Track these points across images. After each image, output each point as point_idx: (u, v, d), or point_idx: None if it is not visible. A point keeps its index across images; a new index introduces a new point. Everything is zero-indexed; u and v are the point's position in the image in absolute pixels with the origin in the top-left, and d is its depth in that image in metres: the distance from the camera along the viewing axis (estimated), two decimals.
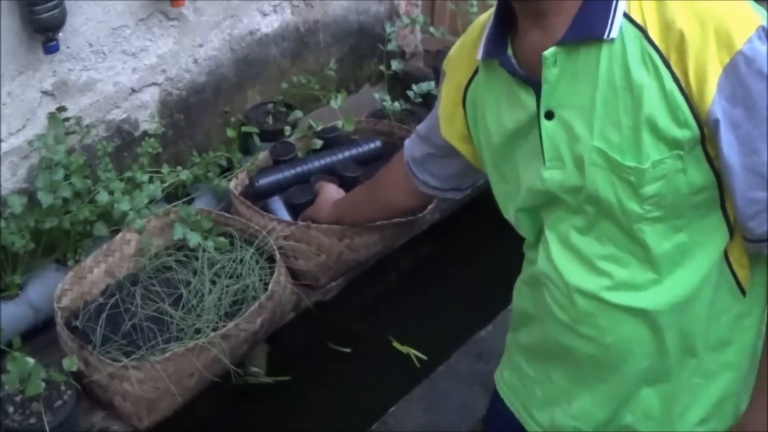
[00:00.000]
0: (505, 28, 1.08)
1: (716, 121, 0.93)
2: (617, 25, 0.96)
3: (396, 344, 2.27)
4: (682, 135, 0.95)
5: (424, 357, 2.23)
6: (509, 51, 1.07)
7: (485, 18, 1.16)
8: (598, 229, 1.07)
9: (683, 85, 0.94)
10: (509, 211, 1.20)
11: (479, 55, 1.11)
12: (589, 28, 0.97)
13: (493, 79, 1.12)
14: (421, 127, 1.46)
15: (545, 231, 1.14)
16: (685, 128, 0.95)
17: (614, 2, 0.97)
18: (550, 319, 1.17)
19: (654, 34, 0.95)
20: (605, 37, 0.96)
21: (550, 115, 1.04)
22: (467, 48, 1.19)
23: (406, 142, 1.54)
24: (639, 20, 0.96)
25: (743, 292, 1.10)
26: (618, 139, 0.99)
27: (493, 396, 1.43)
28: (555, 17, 1.00)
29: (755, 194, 0.97)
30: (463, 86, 1.21)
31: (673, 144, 0.96)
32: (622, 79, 0.97)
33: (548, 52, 1.00)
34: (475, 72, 1.17)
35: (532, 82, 1.04)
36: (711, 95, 0.92)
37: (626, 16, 0.96)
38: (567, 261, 1.10)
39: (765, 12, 0.95)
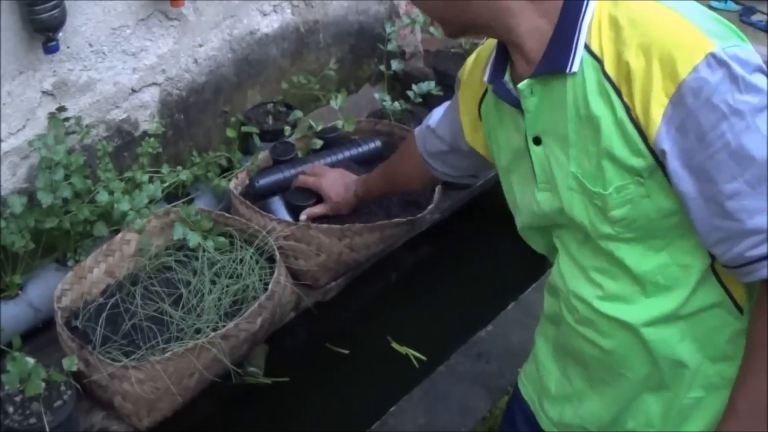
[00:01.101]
0: (506, 53, 1.09)
1: (663, 152, 0.94)
2: (578, 59, 0.98)
3: (395, 345, 2.27)
4: (638, 163, 0.97)
5: (424, 358, 2.22)
6: (507, 76, 1.10)
7: None
8: (590, 243, 1.09)
9: (633, 115, 0.95)
10: (518, 224, 1.23)
11: (485, 76, 1.13)
12: (554, 62, 1.00)
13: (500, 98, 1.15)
14: (437, 126, 1.49)
15: (554, 237, 1.18)
16: (639, 157, 0.96)
17: (576, 35, 0.98)
18: (562, 319, 1.20)
19: (608, 65, 0.96)
20: (567, 71, 0.98)
21: (538, 141, 1.08)
22: (480, 63, 1.22)
23: (417, 134, 1.58)
24: (597, 51, 0.97)
25: (741, 310, 1.09)
26: (588, 166, 1.02)
27: (515, 388, 1.46)
28: (529, 47, 1.02)
29: (716, 222, 0.96)
30: (478, 100, 1.24)
31: (632, 171, 0.98)
32: (584, 110, 0.99)
33: (522, 84, 1.03)
34: (487, 88, 1.20)
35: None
36: (656, 126, 0.93)
37: (587, 47, 0.98)
38: (569, 267, 1.15)
39: (742, 36, 0.94)
